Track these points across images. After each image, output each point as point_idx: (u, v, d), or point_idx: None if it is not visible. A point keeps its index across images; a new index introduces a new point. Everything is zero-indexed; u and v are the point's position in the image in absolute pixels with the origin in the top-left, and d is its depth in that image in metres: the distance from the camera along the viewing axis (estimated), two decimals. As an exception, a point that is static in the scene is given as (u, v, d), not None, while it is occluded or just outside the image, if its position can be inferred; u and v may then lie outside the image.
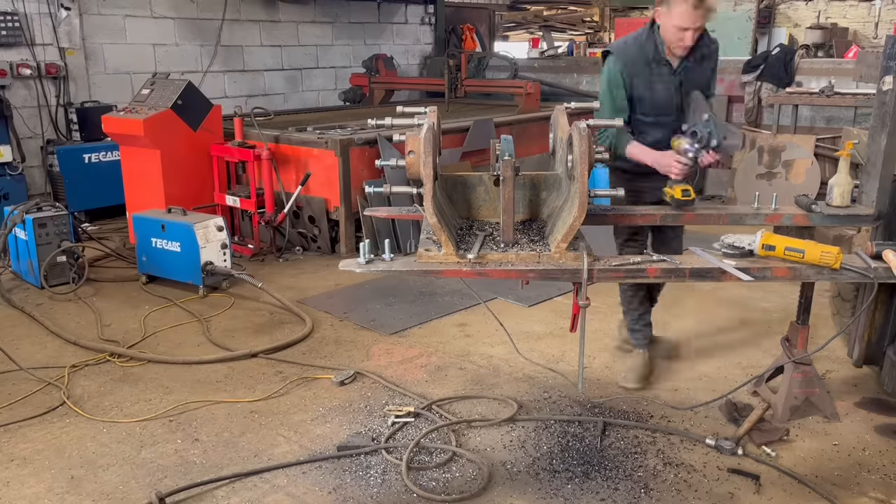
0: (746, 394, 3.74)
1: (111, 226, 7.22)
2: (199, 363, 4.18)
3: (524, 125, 7.72)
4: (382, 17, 10.58)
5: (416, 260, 2.84)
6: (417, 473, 3.10)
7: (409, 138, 2.79)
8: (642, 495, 2.95)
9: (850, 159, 3.44)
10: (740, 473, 3.07)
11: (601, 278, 2.85)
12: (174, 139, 6.04)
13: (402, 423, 3.48)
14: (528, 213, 3.32)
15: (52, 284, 5.34)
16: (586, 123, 2.81)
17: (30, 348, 4.40)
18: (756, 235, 2.95)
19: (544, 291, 5.25)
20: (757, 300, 5.14)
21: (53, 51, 7.36)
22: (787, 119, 8.08)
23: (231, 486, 3.04)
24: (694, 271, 2.90)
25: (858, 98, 7.50)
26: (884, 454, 3.25)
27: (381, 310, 5.01)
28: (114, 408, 3.69)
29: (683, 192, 3.36)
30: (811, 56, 10.04)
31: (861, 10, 12.86)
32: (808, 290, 3.48)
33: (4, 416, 3.60)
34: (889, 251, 2.94)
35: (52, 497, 2.97)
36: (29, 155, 7.08)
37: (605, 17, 15.19)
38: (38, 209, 5.46)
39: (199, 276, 5.25)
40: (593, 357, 4.23)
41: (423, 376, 4.02)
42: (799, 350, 3.49)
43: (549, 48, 12.46)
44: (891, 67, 3.27)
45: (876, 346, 3.70)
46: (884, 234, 3.42)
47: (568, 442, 3.34)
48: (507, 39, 15.63)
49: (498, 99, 9.37)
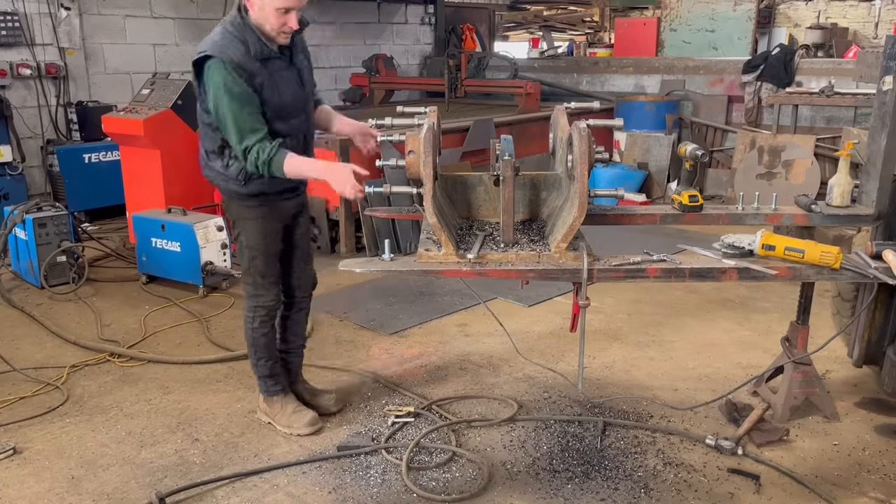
0: (746, 394, 3.74)
1: (111, 226, 7.22)
2: (199, 363, 4.18)
3: (524, 125, 7.73)
4: (382, 17, 10.57)
5: (416, 260, 2.85)
6: (417, 473, 3.10)
7: (409, 138, 2.79)
8: (642, 495, 2.95)
9: (850, 159, 3.44)
10: (740, 473, 3.07)
11: (601, 278, 2.84)
12: (174, 139, 6.04)
13: (402, 423, 3.48)
14: (528, 213, 3.32)
15: (52, 284, 5.34)
16: (586, 123, 2.81)
17: (30, 348, 4.40)
18: (756, 235, 2.95)
19: (544, 291, 5.25)
20: (757, 300, 5.14)
21: (53, 51, 7.36)
22: (787, 119, 8.08)
23: (231, 486, 3.04)
24: (694, 271, 2.90)
25: (858, 98, 7.50)
26: (884, 454, 3.25)
27: (381, 310, 5.01)
28: (114, 408, 3.69)
29: (691, 197, 3.29)
30: (811, 56, 10.04)
31: (861, 10, 12.86)
32: (808, 290, 3.48)
33: (4, 416, 3.60)
34: (889, 251, 2.94)
35: (52, 497, 2.97)
36: (29, 155, 7.08)
37: (605, 17, 15.17)
38: (38, 209, 5.47)
39: (199, 276, 5.25)
40: (593, 357, 4.23)
41: (423, 376, 4.02)
42: (799, 350, 3.49)
43: (549, 48, 12.44)
44: (891, 67, 3.26)
45: (876, 346, 3.70)
46: (884, 234, 3.42)
47: (568, 442, 3.34)
48: (507, 39, 15.62)
49: (498, 99, 9.36)
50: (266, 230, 3.23)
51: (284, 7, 2.90)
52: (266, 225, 3.22)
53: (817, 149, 7.49)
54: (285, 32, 2.99)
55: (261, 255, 3.25)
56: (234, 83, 2.90)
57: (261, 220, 3.20)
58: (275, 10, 2.91)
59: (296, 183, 3.24)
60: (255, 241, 3.23)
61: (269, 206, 3.20)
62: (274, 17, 2.92)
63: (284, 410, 3.45)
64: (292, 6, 2.92)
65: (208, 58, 2.93)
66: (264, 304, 3.31)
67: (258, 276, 3.28)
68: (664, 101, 8.85)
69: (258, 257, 3.25)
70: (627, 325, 4.74)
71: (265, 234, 3.23)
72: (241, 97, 2.91)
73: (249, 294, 3.33)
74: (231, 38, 2.95)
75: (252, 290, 3.31)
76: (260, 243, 3.23)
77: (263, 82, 2.97)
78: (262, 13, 2.93)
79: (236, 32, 2.96)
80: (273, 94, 3.01)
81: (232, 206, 3.26)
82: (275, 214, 3.23)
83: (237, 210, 3.23)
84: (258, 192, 3.14)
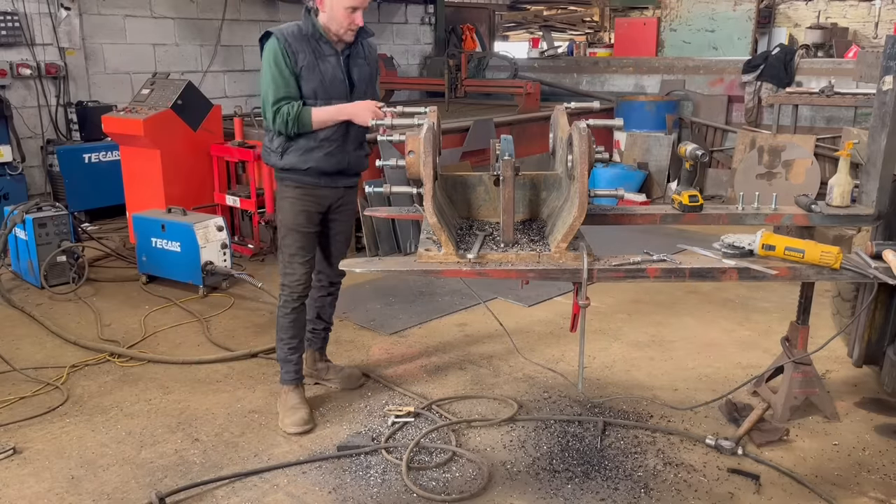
0: (746, 394, 3.74)
1: (111, 226, 7.22)
2: (199, 363, 4.18)
3: (524, 125, 7.73)
4: (382, 17, 10.58)
5: (416, 260, 2.84)
6: (417, 473, 3.10)
7: (409, 138, 2.79)
8: (642, 495, 2.95)
9: (850, 159, 3.44)
10: (740, 473, 3.07)
11: (601, 278, 2.84)
12: (174, 139, 6.04)
13: (402, 423, 3.48)
14: (528, 213, 3.32)
15: (52, 284, 5.34)
16: (586, 123, 2.81)
17: (30, 348, 4.40)
18: (756, 235, 2.95)
19: (544, 291, 5.25)
20: (757, 300, 5.14)
21: (53, 51, 7.36)
22: (787, 119, 8.09)
23: (231, 485, 3.04)
24: (694, 271, 2.90)
25: (858, 98, 7.51)
26: (884, 454, 3.25)
27: (381, 310, 5.02)
28: (114, 408, 3.69)
29: (691, 197, 3.29)
30: (811, 56, 10.04)
31: (861, 10, 12.85)
32: (808, 290, 3.48)
33: (4, 416, 3.60)
34: (889, 251, 2.94)
35: (52, 497, 2.97)
36: (29, 155, 7.08)
37: (605, 17, 15.17)
38: (38, 209, 5.47)
39: (199, 276, 5.25)
40: (593, 357, 4.23)
41: (423, 376, 4.02)
42: (799, 350, 3.49)
43: (549, 48, 12.44)
44: (891, 67, 3.26)
45: (876, 346, 3.70)
46: (884, 234, 3.42)
47: (568, 442, 3.34)
48: (507, 39, 15.63)
49: (498, 99, 9.37)
50: (299, 210, 3.40)
51: (352, 6, 3.20)
52: (300, 205, 3.40)
53: (817, 149, 7.50)
54: (352, 30, 3.28)
55: (292, 232, 3.42)
56: (280, 57, 3.23)
57: (296, 201, 3.39)
58: (344, 9, 3.21)
59: (333, 170, 3.39)
60: (288, 218, 3.42)
61: (304, 190, 3.39)
62: (343, 15, 3.22)
63: (285, 403, 3.55)
64: (359, 5, 3.22)
65: (269, 35, 3.29)
66: (290, 284, 3.46)
67: (287, 255, 3.45)
68: (664, 101, 8.85)
69: (289, 234, 3.42)
70: (627, 325, 4.74)
71: (297, 214, 3.40)
72: (282, 69, 3.23)
73: (280, 272, 3.51)
74: (293, 27, 3.31)
75: (281, 267, 3.49)
76: (291, 221, 3.41)
77: (307, 62, 3.26)
78: (331, 12, 3.23)
79: (301, 23, 3.31)
80: (313, 75, 3.27)
81: (277, 183, 3.51)
82: (310, 198, 3.41)
83: (279, 187, 3.47)
84: (291, 166, 3.35)
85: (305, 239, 3.45)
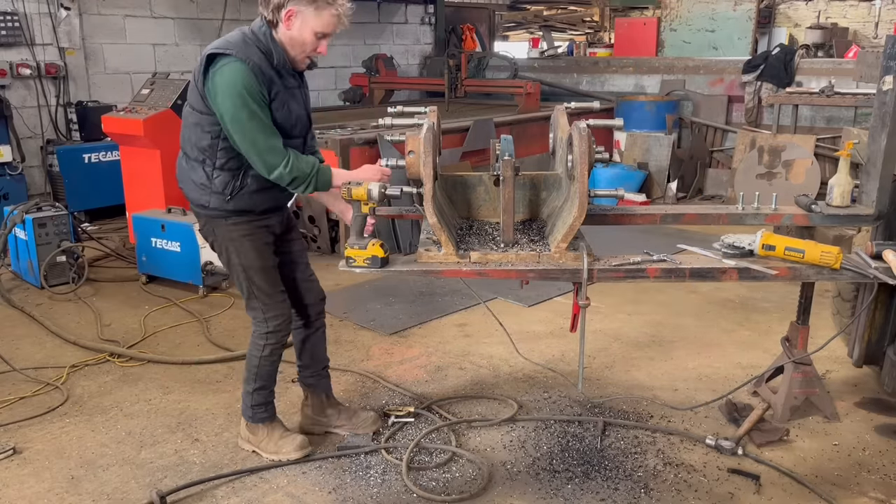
0: (746, 394, 3.74)
1: (111, 226, 7.22)
2: (199, 363, 4.18)
3: (524, 125, 7.72)
4: (382, 17, 10.58)
5: (416, 260, 2.84)
6: (417, 473, 3.10)
7: (409, 138, 2.79)
8: (642, 495, 2.95)
9: (850, 159, 3.44)
10: (740, 473, 3.07)
11: (601, 278, 2.84)
12: (174, 139, 5.93)
13: (402, 423, 3.48)
14: (528, 213, 3.32)
15: (52, 284, 5.34)
16: (586, 123, 2.81)
17: (30, 348, 4.40)
18: (756, 235, 2.95)
19: (544, 291, 5.25)
20: (757, 300, 5.14)
21: (53, 51, 7.36)
22: (787, 119, 8.08)
23: (231, 485, 3.04)
24: (694, 271, 2.90)
25: (858, 98, 7.51)
26: (884, 454, 3.25)
27: (381, 310, 5.01)
28: (114, 408, 3.69)
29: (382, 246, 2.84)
30: (811, 56, 10.03)
31: (861, 10, 12.85)
32: (808, 290, 3.48)
33: (4, 416, 3.60)
34: (889, 251, 2.94)
35: (52, 497, 2.97)
36: (29, 155, 7.09)
37: (605, 17, 15.17)
38: (37, 209, 5.47)
39: (199, 276, 5.25)
40: (593, 357, 4.23)
41: (423, 376, 4.02)
42: (799, 350, 3.49)
43: (549, 48, 12.43)
44: (891, 67, 3.26)
45: (876, 346, 3.70)
46: (884, 234, 3.42)
47: (568, 442, 3.34)
48: (507, 39, 15.62)
49: (498, 99, 9.37)
50: (262, 244, 3.01)
51: (323, 32, 2.83)
52: (260, 239, 3.01)
53: (817, 149, 7.50)
54: (311, 58, 2.92)
55: (258, 271, 3.01)
56: (255, 88, 2.74)
57: (254, 236, 2.98)
58: (313, 33, 2.82)
59: (279, 203, 3.07)
60: (249, 258, 2.99)
61: (258, 223, 2.99)
62: (310, 41, 2.83)
63: (271, 436, 3.22)
64: (330, 32, 2.85)
65: (225, 56, 2.74)
66: (277, 327, 3.08)
67: (264, 296, 3.05)
68: (664, 101, 8.85)
69: (258, 274, 3.01)
70: (627, 325, 4.74)
71: (260, 249, 3.01)
72: (260, 104, 2.77)
73: (259, 319, 3.09)
74: (252, 46, 2.79)
75: (262, 313, 3.07)
76: (256, 259, 3.00)
77: (278, 93, 2.83)
78: (299, 33, 2.81)
79: (259, 42, 2.80)
80: (282, 109, 2.86)
81: (212, 226, 3.01)
82: (265, 229, 3.02)
83: (221, 230, 2.99)
84: (242, 209, 2.92)
85: (275, 271, 3.08)
